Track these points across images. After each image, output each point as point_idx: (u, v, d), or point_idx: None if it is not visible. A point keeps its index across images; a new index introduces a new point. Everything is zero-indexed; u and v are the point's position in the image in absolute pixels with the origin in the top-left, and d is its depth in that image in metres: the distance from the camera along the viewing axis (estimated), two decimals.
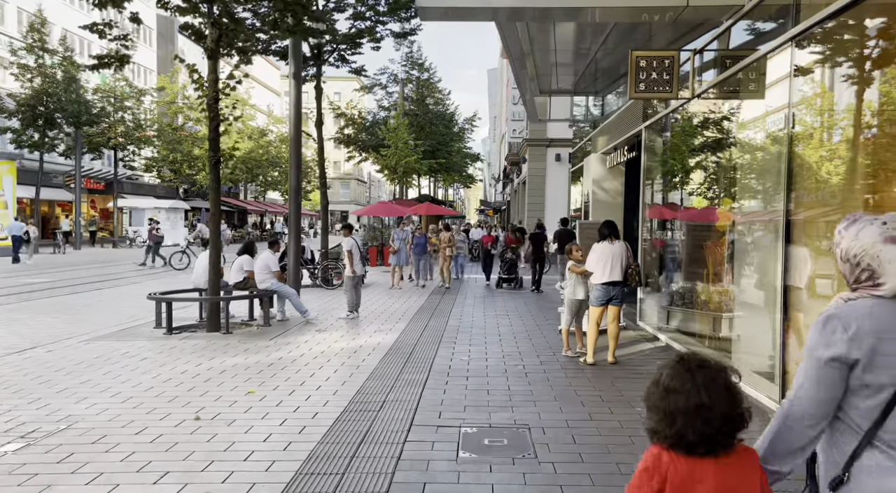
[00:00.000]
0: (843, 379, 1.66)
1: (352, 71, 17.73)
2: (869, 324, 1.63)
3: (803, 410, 1.69)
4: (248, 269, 10.58)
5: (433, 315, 11.26)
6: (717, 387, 1.64)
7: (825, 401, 1.67)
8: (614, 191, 12.89)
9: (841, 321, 1.66)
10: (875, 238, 1.68)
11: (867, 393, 1.64)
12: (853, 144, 4.54)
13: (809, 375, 1.69)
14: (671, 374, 1.70)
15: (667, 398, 1.67)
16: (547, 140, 27.04)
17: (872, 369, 1.62)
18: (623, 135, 10.83)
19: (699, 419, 1.62)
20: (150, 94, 37.00)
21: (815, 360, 1.68)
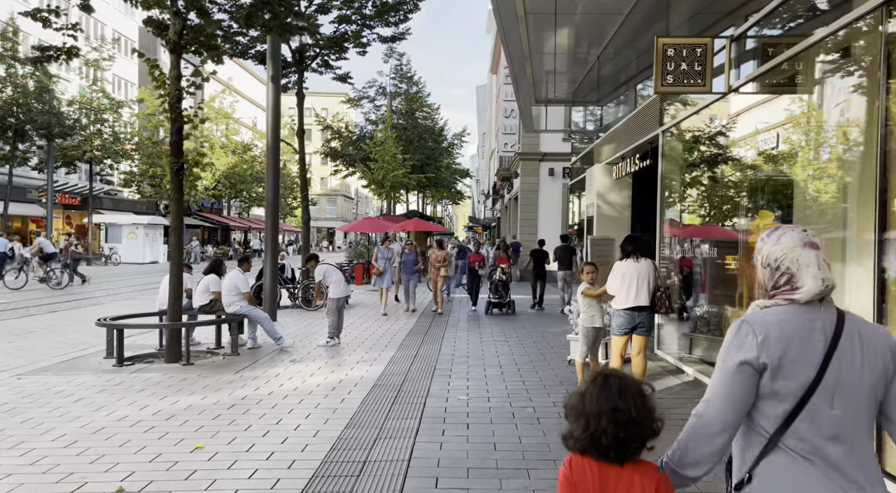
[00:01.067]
0: (754, 384, 1.68)
1: (337, 78, 16.68)
2: (778, 331, 1.67)
3: (714, 416, 1.70)
4: (214, 290, 9.39)
5: (423, 341, 10.10)
6: (631, 394, 1.73)
7: (736, 407, 1.69)
8: (620, 204, 11.86)
9: (752, 327, 1.70)
10: (795, 242, 1.74)
11: (775, 400, 1.67)
12: None
13: (722, 380, 1.71)
14: (589, 382, 1.81)
15: (583, 403, 1.76)
16: (540, 154, 26.10)
17: (780, 375, 1.65)
18: (633, 142, 9.82)
19: (613, 423, 1.70)
20: (128, 106, 35.70)
21: (727, 364, 1.71)
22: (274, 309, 12.62)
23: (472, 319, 12.84)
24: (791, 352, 1.64)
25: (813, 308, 1.69)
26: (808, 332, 1.66)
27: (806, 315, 1.68)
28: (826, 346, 1.65)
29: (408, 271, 13.94)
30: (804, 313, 1.69)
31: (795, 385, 1.64)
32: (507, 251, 14.13)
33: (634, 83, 13.20)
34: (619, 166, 10.87)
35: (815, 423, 1.63)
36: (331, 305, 9.72)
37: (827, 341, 1.65)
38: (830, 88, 4.93)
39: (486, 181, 65.46)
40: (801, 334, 1.66)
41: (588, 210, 12.71)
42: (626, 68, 13.24)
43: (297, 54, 15.52)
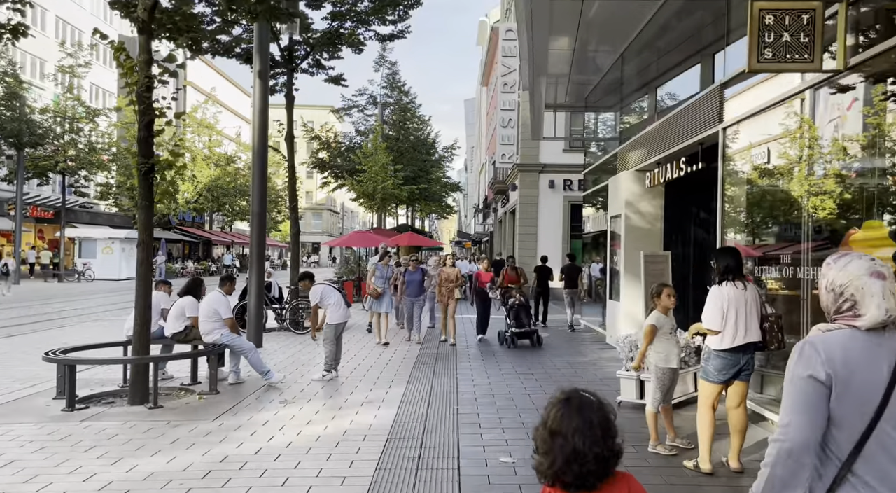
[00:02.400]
0: (826, 401, 1.67)
1: (329, 79, 15.34)
2: (843, 354, 1.68)
3: (796, 436, 1.68)
4: (190, 315, 7.93)
5: (435, 374, 8.68)
6: (593, 431, 1.71)
7: (814, 422, 1.68)
8: (652, 215, 10.59)
9: (815, 347, 1.72)
10: (862, 271, 1.77)
11: (845, 423, 1.67)
12: None
13: (795, 399, 1.71)
14: (555, 416, 1.76)
15: (550, 441, 1.74)
16: (540, 165, 24.91)
17: (846, 397, 1.65)
18: (674, 145, 8.55)
19: (575, 464, 1.70)
20: (104, 114, 34.05)
21: (798, 383, 1.72)
22: (260, 333, 11.16)
23: (481, 345, 11.43)
24: (857, 376, 1.67)
25: (877, 334, 1.72)
26: (873, 357, 1.69)
27: (870, 341, 1.72)
28: (890, 372, 1.67)
29: (413, 294, 11.79)
30: (868, 338, 1.73)
31: (863, 410, 1.66)
32: (516, 270, 12.40)
33: (655, 85, 12.04)
34: (655, 173, 9.60)
35: (884, 448, 1.65)
36: (328, 332, 8.28)
37: (891, 367, 1.67)
38: None
39: (477, 195, 64.32)
40: (865, 359, 1.68)
41: (613, 223, 11.41)
42: (646, 70, 12.10)
43: (286, 53, 14.18)
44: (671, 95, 10.85)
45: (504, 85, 26.43)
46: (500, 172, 29.99)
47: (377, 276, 11.64)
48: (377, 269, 11.80)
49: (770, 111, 6.21)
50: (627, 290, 10.42)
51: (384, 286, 11.56)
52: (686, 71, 10.91)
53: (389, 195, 26.48)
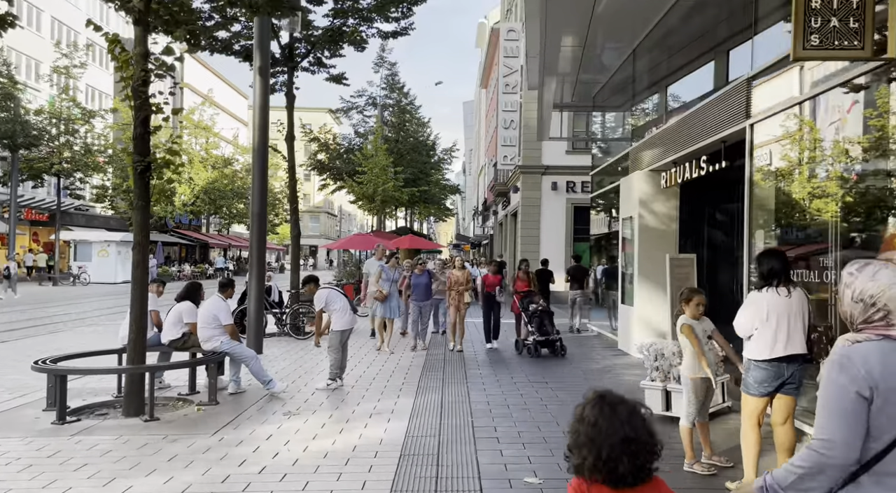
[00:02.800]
0: (867, 414, 1.70)
1: (331, 78, 14.98)
2: (880, 368, 1.71)
3: (839, 459, 1.70)
4: (188, 321, 7.54)
5: (445, 382, 8.30)
6: (638, 420, 1.77)
7: (858, 442, 1.70)
8: (667, 217, 10.24)
9: (854, 361, 1.73)
10: (893, 280, 1.79)
11: (877, 433, 1.70)
12: None
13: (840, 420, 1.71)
14: (594, 410, 1.79)
15: (595, 433, 1.75)
16: (542, 167, 24.57)
17: (886, 409, 1.68)
18: (696, 142, 8.20)
19: (627, 453, 1.72)
20: (100, 116, 33.61)
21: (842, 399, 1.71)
22: (260, 339, 10.76)
23: (490, 353, 11.05)
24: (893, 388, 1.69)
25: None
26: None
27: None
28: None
29: (419, 298, 11.11)
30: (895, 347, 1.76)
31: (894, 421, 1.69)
32: (528, 273, 11.75)
33: (666, 84, 11.71)
34: (671, 173, 9.25)
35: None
36: (333, 339, 7.89)
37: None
38: None
39: (476, 198, 64.01)
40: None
41: (624, 224, 11.06)
42: (658, 68, 11.77)
43: (286, 50, 13.81)
44: (685, 94, 10.52)
45: (506, 86, 26.13)
46: (501, 173, 29.66)
47: (384, 278, 11.04)
48: (383, 271, 11.20)
49: (805, 105, 5.86)
50: (642, 294, 10.06)
51: (391, 290, 10.99)
52: (700, 68, 10.59)
53: (390, 198, 26.11)
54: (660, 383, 6.18)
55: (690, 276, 6.69)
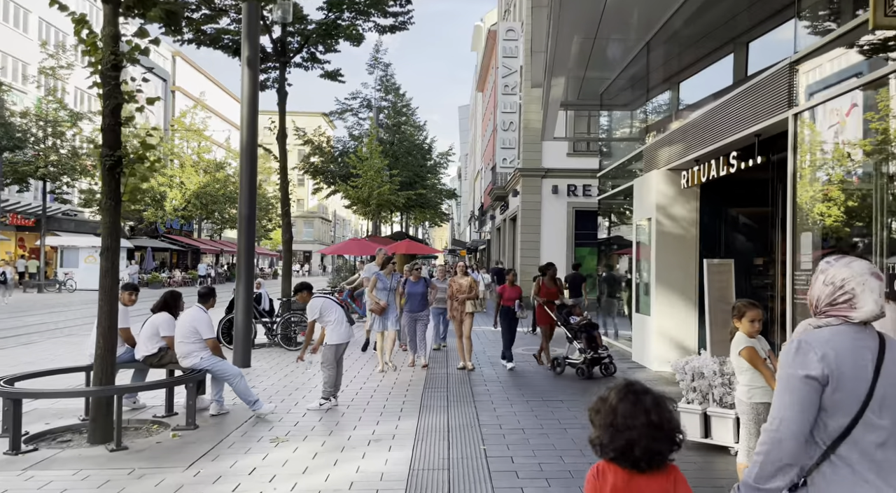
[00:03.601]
0: (818, 398, 1.84)
1: (325, 74, 14.25)
2: (833, 351, 1.84)
3: (787, 431, 1.82)
4: (165, 334, 6.76)
5: (449, 401, 7.53)
6: (664, 410, 1.86)
7: (805, 419, 1.83)
8: (686, 220, 9.53)
9: (811, 345, 1.87)
10: (864, 270, 1.93)
11: (834, 412, 1.83)
12: None
13: (791, 396, 1.85)
14: (621, 395, 1.88)
15: (618, 417, 1.84)
16: (543, 170, 23.88)
17: (839, 389, 1.82)
18: (724, 137, 7.49)
19: (648, 437, 1.81)
20: (87, 118, 32.74)
21: (794, 380, 1.85)
22: (248, 351, 9.99)
23: (494, 365, 10.28)
24: (846, 368, 1.83)
25: (861, 329, 1.90)
26: (860, 350, 1.86)
27: (857, 335, 1.89)
28: (874, 363, 1.84)
29: (414, 308, 9.85)
30: (854, 332, 1.89)
31: (852, 399, 1.82)
32: (555, 280, 10.02)
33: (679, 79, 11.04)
34: (694, 171, 8.54)
35: (868, 432, 1.81)
36: (327, 354, 7.12)
37: (874, 358, 1.85)
38: None
39: (471, 202, 63.36)
40: (854, 352, 1.85)
41: (640, 230, 10.34)
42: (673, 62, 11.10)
43: (278, 44, 13.07)
44: (702, 88, 9.85)
45: (505, 87, 25.46)
46: (500, 177, 28.97)
47: (379, 287, 9.48)
48: (378, 279, 9.61)
49: (865, 89, 5.15)
50: (661, 304, 9.35)
51: (389, 300, 9.49)
52: (717, 61, 9.93)
53: (385, 201, 25.35)
54: (698, 407, 5.44)
55: (729, 284, 5.98)
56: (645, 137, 11.04)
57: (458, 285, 9.80)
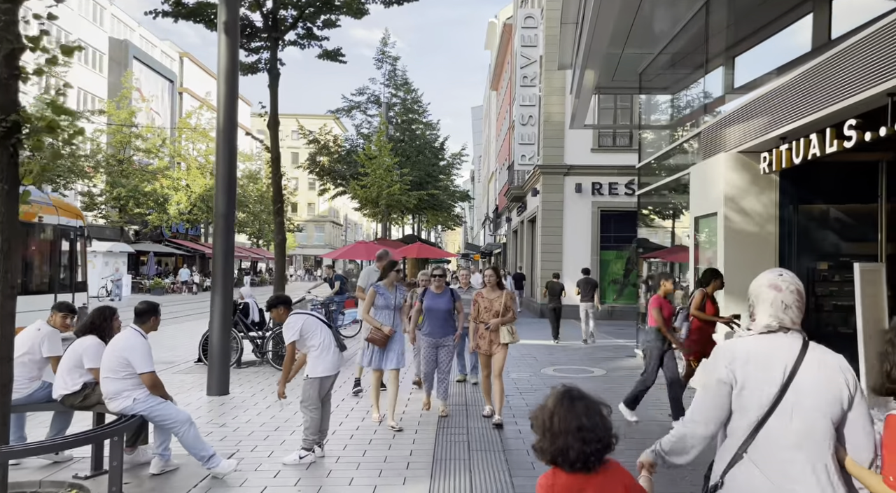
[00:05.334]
0: (726, 398, 2.04)
1: (324, 53, 12.55)
2: (745, 356, 2.02)
3: (695, 423, 2.09)
4: (91, 366, 5.03)
5: (472, 453, 5.75)
6: (594, 414, 1.99)
7: (711, 413, 2.06)
8: (761, 215, 7.69)
9: (723, 352, 2.08)
10: (762, 282, 2.10)
11: (741, 414, 2.01)
12: None
13: (703, 396, 2.10)
14: (557, 402, 2.02)
15: (552, 421, 1.98)
16: (565, 167, 22.04)
17: (745, 392, 1.99)
18: (838, 100, 5.66)
19: (579, 440, 1.94)
20: (85, 117, 31.29)
21: (707, 384, 2.09)
22: (225, 376, 8.27)
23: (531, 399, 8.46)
24: (754, 373, 1.98)
25: (776, 338, 2.04)
26: (770, 357, 2.00)
27: (770, 343, 2.03)
28: (787, 370, 1.97)
29: (435, 331, 6.88)
30: (768, 341, 2.04)
31: (758, 402, 1.96)
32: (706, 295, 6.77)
33: (732, 55, 9.24)
34: (780, 152, 6.71)
35: (776, 435, 1.94)
36: (309, 390, 5.35)
37: (787, 365, 1.97)
38: None
39: (485, 205, 61.62)
40: (763, 359, 2.00)
41: (701, 227, 8.51)
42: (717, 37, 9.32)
43: (270, 18, 11.39)
44: (770, 58, 8.04)
45: (523, 78, 23.69)
46: (518, 175, 27.15)
47: (378, 304, 6.52)
48: (378, 293, 6.57)
49: None
50: None
51: (393, 322, 6.52)
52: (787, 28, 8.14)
53: (395, 202, 23.62)
54: None
55: (880, 293, 4.20)
56: (702, 116, 9.21)
57: (486, 303, 6.69)
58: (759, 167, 7.34)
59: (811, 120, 6.03)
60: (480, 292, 6.83)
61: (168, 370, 10.08)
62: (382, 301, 6.53)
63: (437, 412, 7.08)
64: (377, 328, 6.39)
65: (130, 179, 37.08)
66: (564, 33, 12.23)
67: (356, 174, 24.44)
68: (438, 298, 6.97)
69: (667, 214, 11.26)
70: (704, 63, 9.26)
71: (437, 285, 7.02)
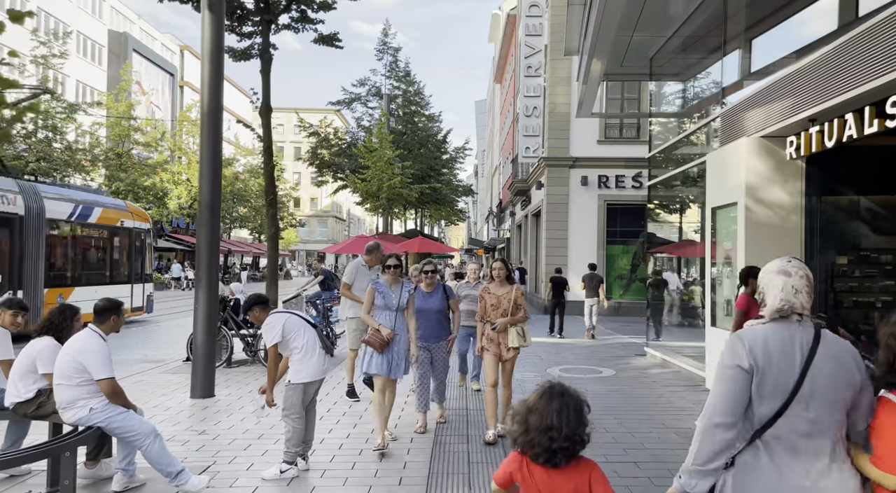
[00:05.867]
0: (748, 386, 2.00)
1: (319, 38, 11.99)
2: (763, 343, 2.01)
3: (719, 417, 1.99)
4: (45, 371, 4.51)
5: (472, 469, 5.22)
6: (567, 413, 2.03)
7: (735, 404, 2.00)
8: (786, 207, 7.12)
9: (741, 340, 2.04)
10: (772, 269, 2.15)
11: (761, 402, 1.99)
12: None
13: (722, 384, 2.03)
14: (537, 396, 2.10)
15: (527, 415, 2.07)
16: (571, 159, 21.46)
17: (766, 381, 1.98)
18: (878, 75, 5.09)
19: (546, 437, 2.02)
20: (82, 110, 30.85)
21: (725, 371, 2.04)
22: (210, 377, 7.76)
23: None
24: (773, 362, 1.98)
25: (791, 326, 2.04)
26: (788, 346, 2.00)
27: (786, 332, 2.03)
28: (803, 358, 1.98)
29: (427, 335, 6.14)
30: (784, 329, 2.04)
31: (779, 390, 1.97)
32: None
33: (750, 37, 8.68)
34: (810, 135, 6.13)
35: (793, 423, 1.96)
36: (292, 397, 4.82)
37: (804, 354, 1.98)
38: None
39: (489, 200, 61.06)
40: (781, 348, 2.00)
41: (720, 218, 7.95)
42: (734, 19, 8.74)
43: (261, 1, 10.84)
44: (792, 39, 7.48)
45: (528, 68, 23.07)
46: (522, 168, 26.55)
47: (377, 304, 5.57)
48: (377, 291, 5.58)
49: None
50: None
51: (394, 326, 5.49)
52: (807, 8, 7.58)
53: (396, 195, 23.07)
54: None
55: None
56: (719, 101, 8.64)
57: (493, 300, 5.78)
58: (784, 153, 6.77)
59: (846, 99, 5.46)
60: (487, 287, 5.93)
61: (155, 370, 9.60)
62: (381, 301, 5.55)
63: (435, 418, 6.50)
64: (376, 330, 5.43)
65: (129, 173, 36.60)
66: (571, 16, 11.65)
67: (356, 168, 23.88)
68: (429, 297, 6.17)
69: (679, 207, 10.69)
70: (722, 44, 8.67)
71: (427, 283, 6.19)
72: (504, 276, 5.83)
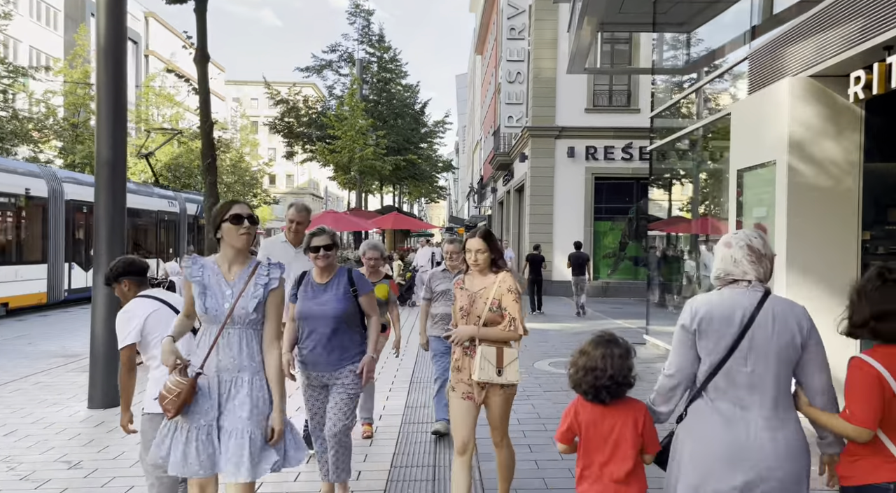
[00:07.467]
0: (692, 344, 2.25)
1: None
2: (706, 308, 2.22)
3: (667, 369, 2.31)
4: None
5: None
6: (612, 357, 2.33)
7: (681, 361, 2.27)
8: (839, 164, 5.63)
9: (690, 304, 2.29)
10: (720, 241, 2.33)
11: (703, 358, 2.24)
12: None
13: (673, 344, 2.32)
14: (589, 341, 2.42)
15: (579, 357, 2.38)
16: (557, 129, 19.90)
17: (704, 339, 2.21)
18: None
19: (591, 376, 2.32)
20: (30, 75, 28.51)
21: (677, 332, 2.29)
22: (114, 385, 6.12)
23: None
24: (714, 322, 2.19)
25: (739, 290, 2.22)
26: (731, 308, 2.19)
27: (734, 294, 2.22)
28: (743, 319, 2.16)
29: (324, 359, 3.62)
30: (731, 293, 2.23)
31: (716, 348, 2.19)
32: None
33: None
34: (883, 67, 4.63)
35: (732, 377, 2.17)
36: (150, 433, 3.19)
37: (745, 315, 2.16)
38: None
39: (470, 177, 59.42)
40: (723, 310, 2.19)
41: (747, 180, 6.45)
42: None
43: None
44: None
45: (510, 30, 21.37)
46: (504, 141, 24.94)
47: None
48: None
49: None
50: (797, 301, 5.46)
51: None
52: None
53: (368, 167, 21.36)
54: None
55: None
56: (748, 40, 7.08)
57: (465, 299, 3.47)
58: (841, 96, 5.26)
59: None
60: (461, 279, 3.59)
61: (63, 367, 7.99)
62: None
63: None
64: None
65: (86, 145, 34.30)
66: None
67: (325, 137, 22.11)
68: (321, 292, 3.69)
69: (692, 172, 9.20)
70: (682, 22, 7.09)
71: (321, 266, 3.68)
72: (485, 262, 3.47)
